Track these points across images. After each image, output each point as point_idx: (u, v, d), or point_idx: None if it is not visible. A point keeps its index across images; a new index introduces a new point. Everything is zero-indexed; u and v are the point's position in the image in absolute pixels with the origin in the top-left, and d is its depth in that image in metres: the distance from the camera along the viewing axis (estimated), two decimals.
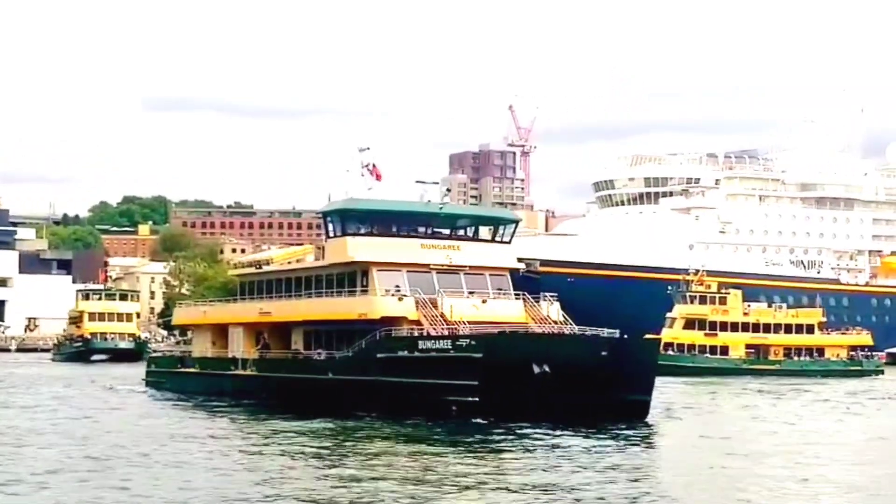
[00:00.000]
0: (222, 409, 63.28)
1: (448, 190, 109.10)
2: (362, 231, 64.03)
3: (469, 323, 58.89)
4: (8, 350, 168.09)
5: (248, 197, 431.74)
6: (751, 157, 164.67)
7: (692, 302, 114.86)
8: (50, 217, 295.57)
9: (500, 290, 64.24)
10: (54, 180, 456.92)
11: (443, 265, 63.09)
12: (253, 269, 75.19)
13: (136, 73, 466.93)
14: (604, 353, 55.27)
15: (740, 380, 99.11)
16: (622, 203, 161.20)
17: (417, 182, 73.27)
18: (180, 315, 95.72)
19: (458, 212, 70.87)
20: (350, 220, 64.20)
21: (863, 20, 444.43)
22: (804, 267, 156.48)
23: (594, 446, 45.94)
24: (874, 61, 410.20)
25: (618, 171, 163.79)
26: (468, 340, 55.48)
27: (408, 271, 62.27)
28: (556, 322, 61.72)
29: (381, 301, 60.77)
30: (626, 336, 58.35)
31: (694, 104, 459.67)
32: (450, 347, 55.76)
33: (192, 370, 77.25)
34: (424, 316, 59.69)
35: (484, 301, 62.37)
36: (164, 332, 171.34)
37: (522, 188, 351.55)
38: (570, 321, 61.34)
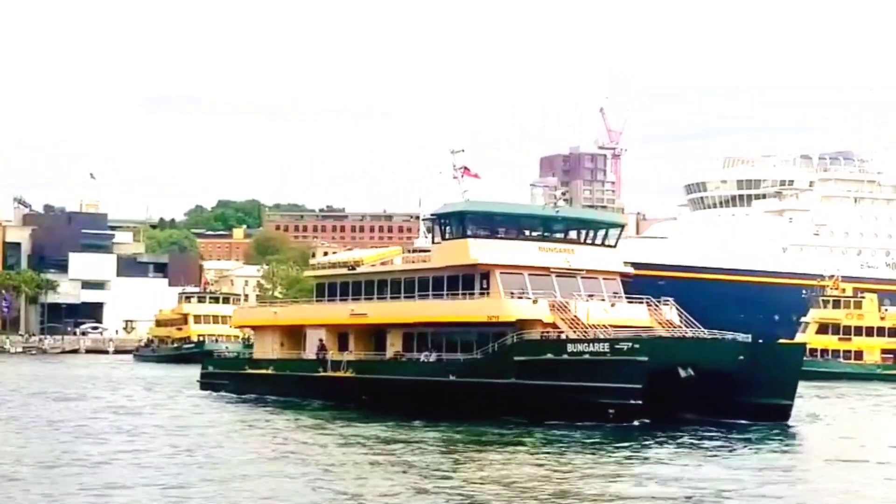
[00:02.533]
0: (325, 413, 61.95)
1: (563, 193, 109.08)
2: (482, 233, 63.66)
3: (605, 327, 58.94)
4: (105, 352, 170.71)
5: (340, 200, 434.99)
6: (846, 158, 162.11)
7: (826, 306, 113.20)
8: (146, 220, 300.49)
9: (615, 293, 64.41)
10: (151, 184, 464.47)
11: (561, 268, 63.17)
12: (343, 271, 73.85)
13: (231, 79, 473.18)
14: (741, 357, 55.99)
15: (876, 385, 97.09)
16: (714, 205, 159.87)
17: (532, 185, 74.15)
18: (242, 316, 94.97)
19: (573, 215, 70.58)
20: (470, 222, 63.76)
21: None
22: None
23: (733, 450, 46.21)
24: None
25: (710, 174, 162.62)
26: (631, 343, 55.12)
27: (529, 274, 62.16)
28: (678, 326, 61.99)
29: (514, 304, 60.32)
30: (760, 340, 58.99)
31: (785, 106, 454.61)
32: (608, 350, 55.16)
33: (264, 372, 75.58)
34: (562, 319, 59.47)
35: (613, 304, 62.59)
36: None
37: (613, 191, 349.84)
38: (698, 325, 61.32)
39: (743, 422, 54.92)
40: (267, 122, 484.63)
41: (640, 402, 53.95)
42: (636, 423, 53.51)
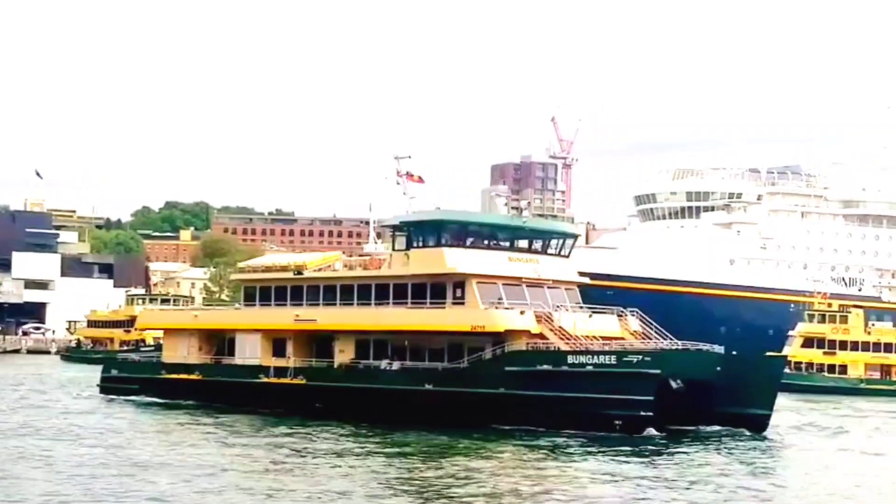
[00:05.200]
0: (287, 421, 59.95)
1: (528, 203, 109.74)
2: (457, 243, 63.58)
3: (597, 339, 60.09)
4: (48, 352, 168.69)
5: (290, 204, 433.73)
6: (793, 172, 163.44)
7: (811, 320, 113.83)
8: (92, 220, 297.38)
9: (578, 303, 65.14)
10: (97, 184, 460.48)
11: (531, 278, 63.68)
12: (283, 275, 71.69)
13: (181, 79, 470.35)
14: (718, 369, 57.25)
15: (859, 399, 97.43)
16: (663, 217, 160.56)
17: (496, 195, 74.55)
18: (150, 318, 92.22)
19: (539, 226, 71.01)
20: (446, 231, 63.77)
21: None
22: (845, 284, 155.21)
23: (710, 461, 47.18)
24: None
25: (660, 185, 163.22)
26: (641, 356, 56.21)
27: (503, 284, 62.47)
28: (651, 337, 62.75)
29: (502, 314, 60.43)
30: (734, 353, 60.19)
31: (736, 120, 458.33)
32: (615, 362, 55.95)
33: (187, 377, 73.51)
34: (551, 330, 59.88)
35: (590, 315, 63.29)
36: None
37: (563, 200, 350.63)
38: (671, 336, 61.87)
39: (721, 430, 56.47)
40: (216, 124, 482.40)
41: (651, 413, 55.03)
42: (646, 433, 54.55)
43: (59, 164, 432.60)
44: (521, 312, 60.29)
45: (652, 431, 55.02)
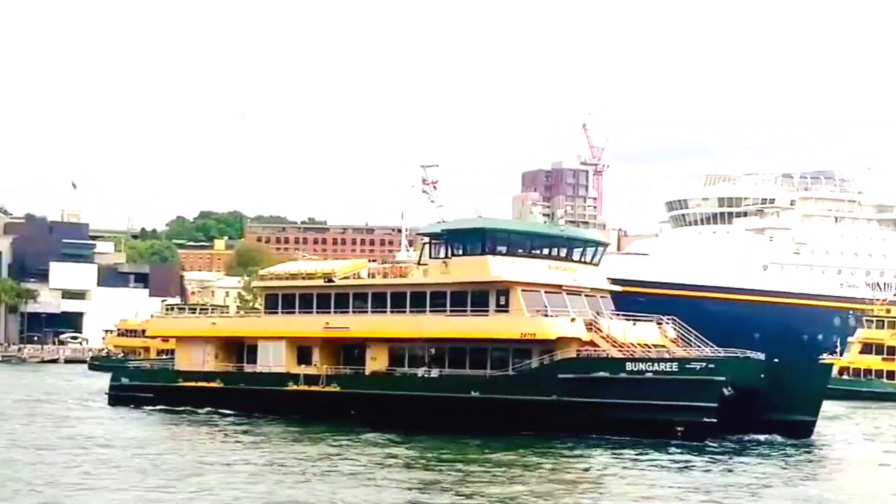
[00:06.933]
0: (331, 431, 58.99)
1: (565, 211, 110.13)
2: (501, 251, 63.83)
3: (649, 347, 60.78)
4: (84, 361, 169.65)
5: (322, 213, 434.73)
6: (826, 177, 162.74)
7: (870, 326, 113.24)
8: (128, 231, 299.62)
9: (612, 311, 65.46)
10: (133, 194, 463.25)
11: (570, 286, 64.25)
12: (311, 282, 71.17)
13: (216, 89, 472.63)
14: (762, 375, 57.83)
15: None
16: (695, 223, 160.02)
17: (534, 205, 75.57)
18: (163, 325, 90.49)
19: (576, 235, 71.20)
20: (491, 239, 63.97)
21: None
22: (879, 289, 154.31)
23: (753, 468, 47.25)
24: None
25: (692, 191, 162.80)
26: (704, 363, 56.80)
27: (545, 292, 62.91)
28: (685, 344, 63.15)
29: (554, 321, 60.77)
30: (776, 360, 60.68)
31: (766, 125, 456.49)
32: (676, 370, 56.53)
33: (207, 385, 72.35)
34: (604, 338, 60.36)
35: (634, 324, 63.57)
36: None
37: (595, 206, 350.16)
38: (711, 343, 62.25)
39: (766, 437, 56.93)
40: (250, 133, 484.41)
41: (714, 419, 55.48)
42: (712, 440, 55.04)
43: (95, 174, 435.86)
44: (572, 320, 60.63)
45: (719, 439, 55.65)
